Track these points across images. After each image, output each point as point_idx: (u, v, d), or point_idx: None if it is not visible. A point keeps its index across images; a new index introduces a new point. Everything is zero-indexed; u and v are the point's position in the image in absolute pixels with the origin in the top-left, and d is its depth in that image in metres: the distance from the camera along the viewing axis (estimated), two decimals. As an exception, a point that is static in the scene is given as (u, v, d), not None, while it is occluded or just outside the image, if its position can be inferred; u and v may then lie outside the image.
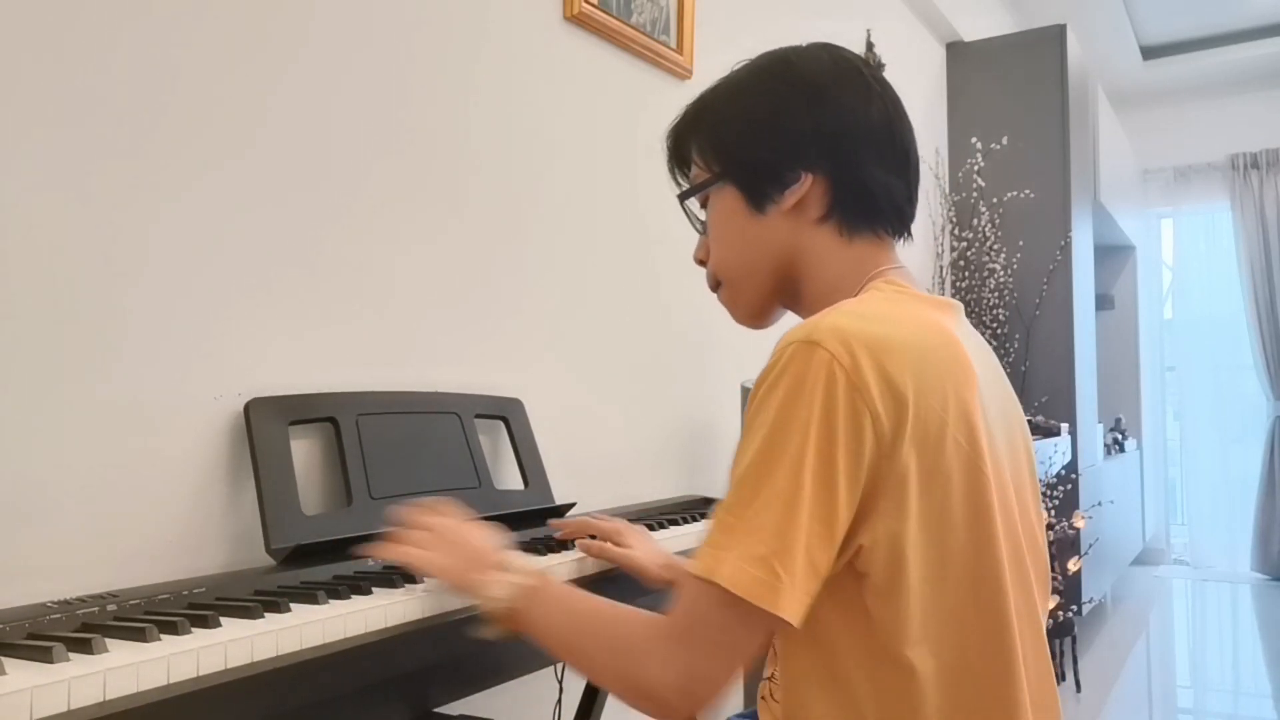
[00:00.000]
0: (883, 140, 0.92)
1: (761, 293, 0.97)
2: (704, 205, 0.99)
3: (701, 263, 1.01)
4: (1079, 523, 3.53)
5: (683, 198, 1.00)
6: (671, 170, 1.01)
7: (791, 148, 0.91)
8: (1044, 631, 0.89)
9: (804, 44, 0.96)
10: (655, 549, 1.23)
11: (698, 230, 1.01)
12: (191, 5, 1.25)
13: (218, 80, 1.29)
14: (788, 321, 1.01)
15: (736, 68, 0.98)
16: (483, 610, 0.93)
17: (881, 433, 0.76)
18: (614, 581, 1.22)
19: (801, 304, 0.96)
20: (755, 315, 0.99)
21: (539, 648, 0.90)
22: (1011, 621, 0.81)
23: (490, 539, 1.00)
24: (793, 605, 0.75)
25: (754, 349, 2.51)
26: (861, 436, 0.76)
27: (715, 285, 1.00)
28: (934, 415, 0.78)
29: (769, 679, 0.92)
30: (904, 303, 0.87)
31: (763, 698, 0.93)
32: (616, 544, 1.23)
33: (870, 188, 0.91)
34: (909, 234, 0.97)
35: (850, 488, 0.76)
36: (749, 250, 0.95)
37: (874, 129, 0.91)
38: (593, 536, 1.26)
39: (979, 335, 0.96)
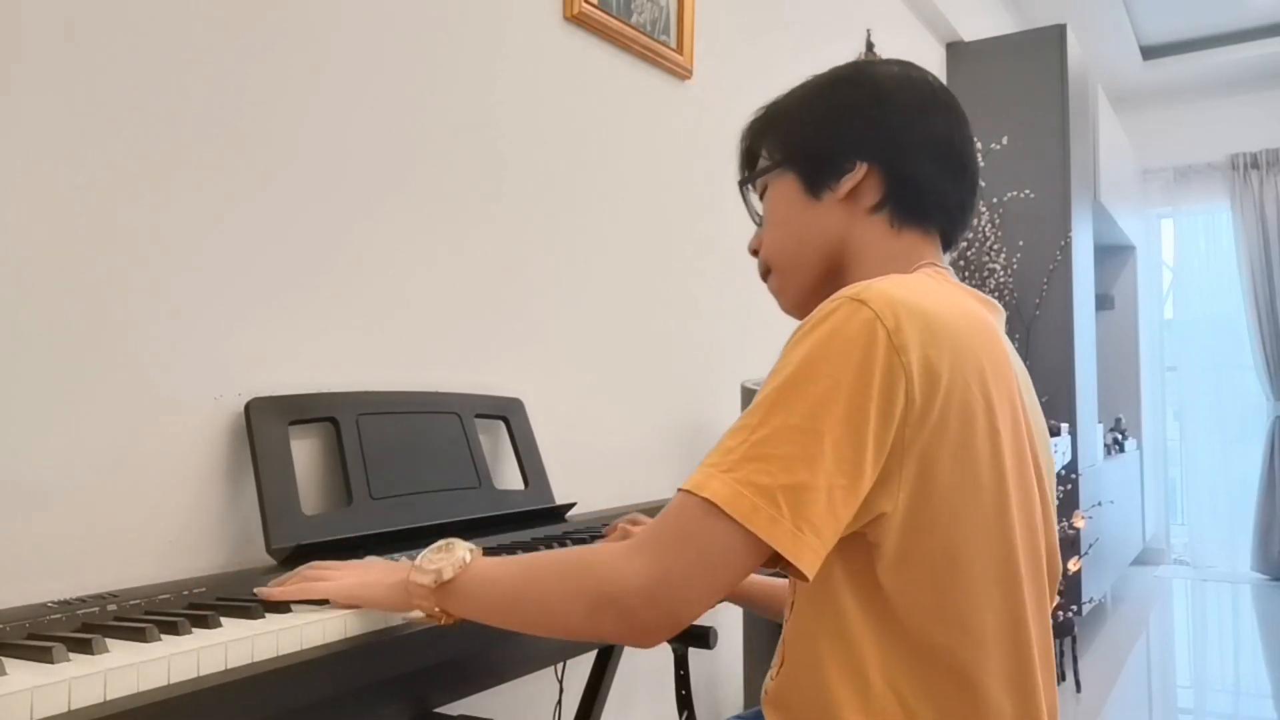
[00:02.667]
0: (941, 145, 0.96)
1: (808, 280, 1.00)
2: (762, 197, 1.03)
3: (755, 253, 1.05)
4: (1079, 523, 3.53)
5: (743, 183, 1.04)
6: (742, 167, 1.06)
7: (850, 139, 0.95)
8: (1050, 625, 0.90)
9: (882, 59, 1.01)
10: None
11: (755, 221, 1.06)
12: (209, 19, 1.25)
13: (226, 87, 1.29)
14: (790, 322, 1.01)
15: (812, 76, 1.03)
16: (419, 594, 0.88)
17: (913, 399, 0.77)
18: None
19: None
20: (800, 304, 1.02)
21: (482, 619, 0.85)
22: (1026, 607, 0.83)
23: (397, 562, 0.98)
24: (792, 542, 0.73)
25: (754, 349, 2.51)
26: (894, 398, 0.77)
27: (765, 273, 1.04)
28: (967, 394, 0.80)
29: (773, 677, 0.92)
30: (950, 289, 0.90)
31: (766, 695, 0.93)
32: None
33: (922, 184, 0.95)
34: (955, 244, 1.01)
35: (877, 447, 0.76)
36: (801, 236, 0.98)
37: (933, 134, 0.95)
38: None
39: (1007, 338, 0.99)
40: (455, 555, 0.88)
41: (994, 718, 0.81)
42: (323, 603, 0.96)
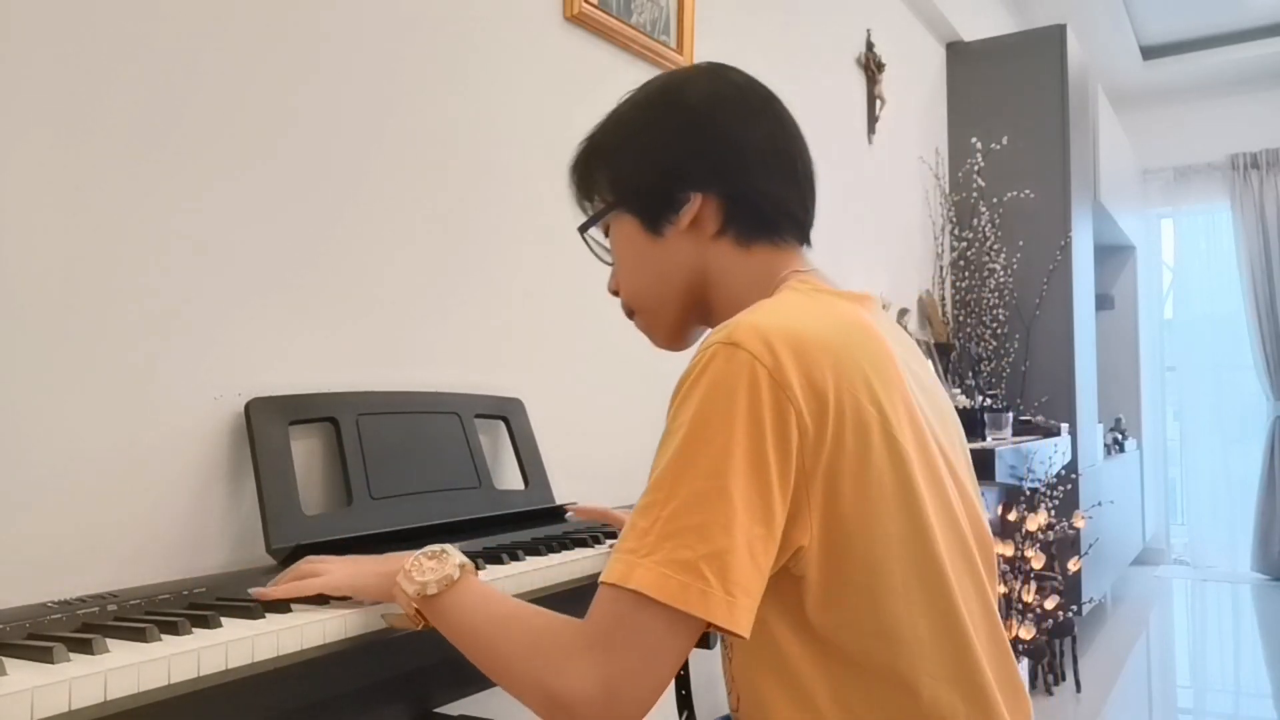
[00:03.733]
0: (767, 154, 0.94)
1: (674, 314, 0.99)
2: (607, 234, 1.01)
3: (615, 293, 1.03)
4: (1079, 523, 3.53)
5: (581, 229, 1.02)
6: (581, 206, 1.03)
7: (677, 171, 0.94)
8: (996, 611, 0.89)
9: (687, 68, 1.01)
10: None
11: (605, 261, 1.04)
12: (201, 18, 1.25)
13: (223, 87, 1.29)
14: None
15: (622, 100, 1.02)
16: (402, 599, 0.88)
17: (805, 428, 0.76)
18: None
19: (713, 318, 0.97)
20: (672, 338, 1.02)
21: (452, 641, 0.85)
22: (958, 605, 0.82)
23: (394, 555, 0.98)
24: (727, 611, 0.72)
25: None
26: (788, 434, 0.76)
27: (630, 313, 1.02)
28: (857, 407, 0.79)
29: (733, 708, 0.92)
30: (819, 299, 0.88)
31: (732, 710, 0.93)
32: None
33: (758, 200, 0.94)
34: (809, 241, 0.99)
35: (783, 486, 0.76)
36: (655, 274, 0.97)
37: (757, 145, 0.94)
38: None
39: (897, 325, 0.98)
40: (444, 570, 0.86)
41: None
42: (321, 601, 0.95)
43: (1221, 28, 5.23)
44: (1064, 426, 3.70)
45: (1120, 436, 5.23)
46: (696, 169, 0.93)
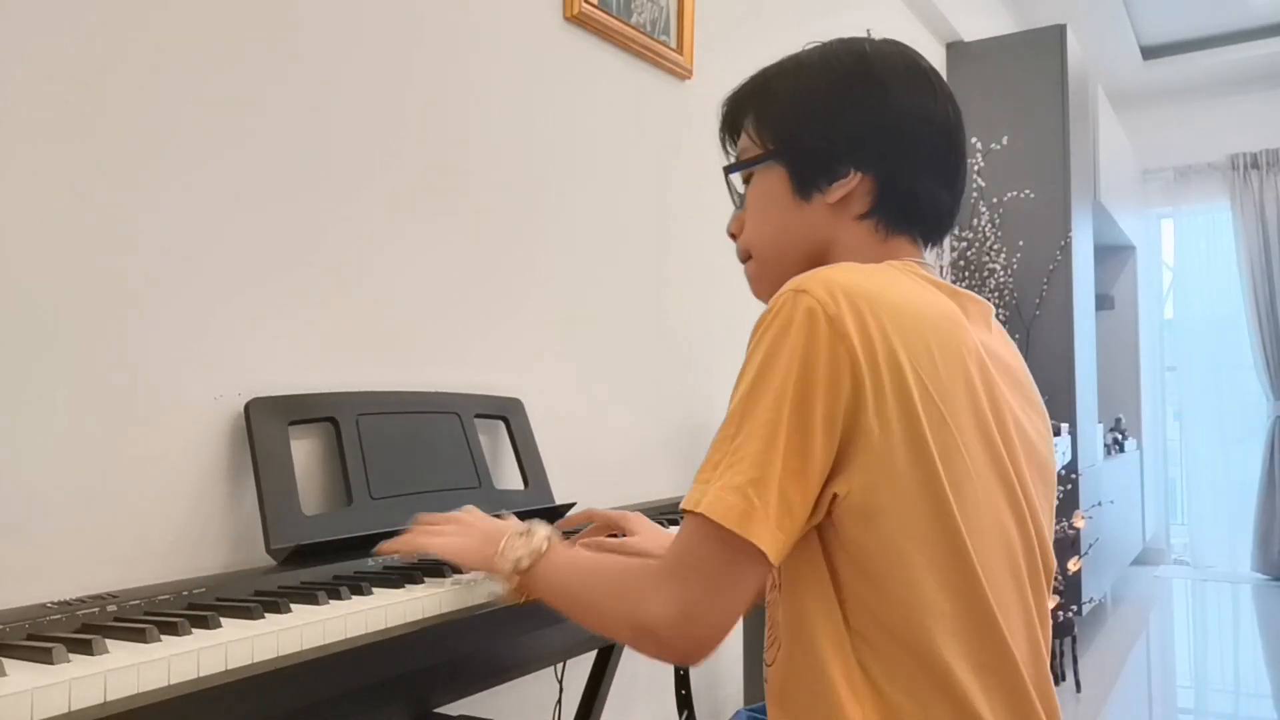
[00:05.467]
0: (940, 149, 0.93)
1: (788, 275, 0.95)
2: (746, 180, 1.00)
3: (734, 236, 1.02)
4: (1079, 523, 3.53)
5: (729, 170, 1.01)
6: (722, 139, 1.02)
7: (847, 141, 0.92)
8: (1037, 626, 0.87)
9: (876, 40, 0.98)
10: (659, 532, 1.23)
11: (735, 204, 1.02)
12: (194, 16, 1.25)
13: (225, 90, 1.28)
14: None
15: (807, 48, 0.98)
16: (501, 575, 0.95)
17: (860, 381, 0.77)
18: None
19: None
20: (773, 295, 0.99)
21: (552, 607, 0.92)
22: (988, 597, 0.81)
23: (499, 522, 1.06)
24: (764, 533, 0.76)
25: (754, 349, 2.51)
26: (839, 381, 0.78)
27: (745, 258, 1.02)
28: (915, 372, 0.79)
29: (769, 662, 0.92)
30: (913, 279, 0.88)
31: (768, 686, 0.93)
32: (621, 529, 1.23)
33: (917, 195, 0.93)
34: (940, 243, 0.99)
35: (827, 428, 0.78)
36: (786, 233, 0.96)
37: (933, 135, 0.93)
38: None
39: (1011, 342, 0.97)
40: (533, 544, 0.94)
41: (965, 704, 0.79)
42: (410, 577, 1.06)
43: (1221, 28, 5.22)
44: (1064, 426, 3.70)
45: (1120, 436, 5.23)
46: (866, 144, 0.92)
